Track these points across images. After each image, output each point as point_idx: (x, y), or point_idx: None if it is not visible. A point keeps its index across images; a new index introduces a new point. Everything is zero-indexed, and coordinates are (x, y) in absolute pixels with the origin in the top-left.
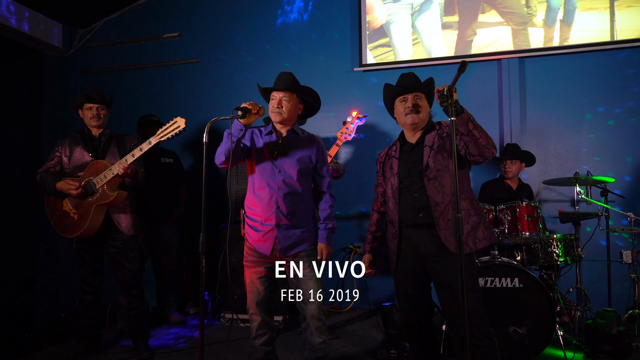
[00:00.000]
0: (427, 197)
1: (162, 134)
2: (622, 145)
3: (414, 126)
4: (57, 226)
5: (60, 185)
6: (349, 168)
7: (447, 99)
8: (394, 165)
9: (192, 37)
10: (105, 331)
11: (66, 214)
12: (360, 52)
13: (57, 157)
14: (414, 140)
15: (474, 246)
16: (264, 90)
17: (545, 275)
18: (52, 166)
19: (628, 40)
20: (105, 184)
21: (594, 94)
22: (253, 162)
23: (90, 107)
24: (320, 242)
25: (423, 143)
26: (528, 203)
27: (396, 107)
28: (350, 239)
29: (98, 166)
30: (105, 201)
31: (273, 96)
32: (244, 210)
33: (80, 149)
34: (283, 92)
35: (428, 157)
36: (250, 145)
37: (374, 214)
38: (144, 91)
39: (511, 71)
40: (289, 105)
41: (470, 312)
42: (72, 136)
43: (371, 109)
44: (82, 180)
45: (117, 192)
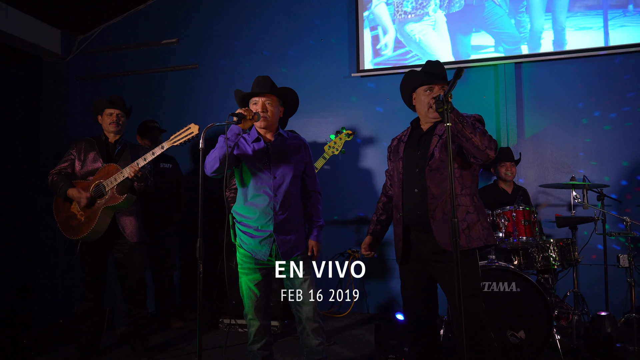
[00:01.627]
0: (425, 191)
1: (176, 139)
2: (618, 149)
3: (435, 119)
4: (63, 227)
5: (71, 192)
6: (346, 174)
7: (442, 105)
8: (400, 149)
9: (190, 42)
10: (104, 337)
11: (73, 215)
12: (358, 58)
13: (71, 160)
14: (426, 128)
15: (467, 245)
16: (242, 97)
17: (542, 280)
18: (64, 168)
19: (623, 46)
20: (115, 186)
21: (590, 98)
22: (244, 169)
23: (111, 112)
24: (311, 239)
25: (433, 132)
26: (525, 207)
27: (418, 95)
28: (348, 244)
29: (109, 169)
30: (114, 203)
31: (254, 101)
32: (234, 217)
33: (94, 154)
34: (265, 95)
35: (434, 147)
36: (238, 153)
37: (382, 197)
38: (143, 97)
39: (507, 76)
40: (272, 108)
41: (469, 318)
42: (88, 141)
43: (369, 114)
44: (92, 185)
45: (125, 195)
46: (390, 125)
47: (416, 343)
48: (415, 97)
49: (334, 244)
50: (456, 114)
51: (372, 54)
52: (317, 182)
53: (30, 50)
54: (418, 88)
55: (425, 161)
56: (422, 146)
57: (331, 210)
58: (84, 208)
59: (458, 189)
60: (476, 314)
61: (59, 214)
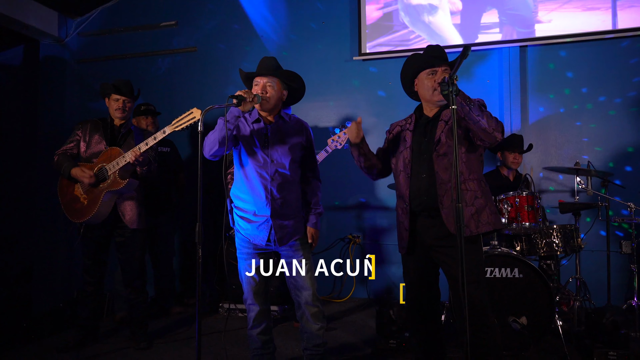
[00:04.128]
0: (433, 176)
1: (178, 124)
2: (623, 135)
3: (440, 103)
4: (67, 210)
5: (75, 171)
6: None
7: (448, 87)
8: (408, 137)
9: (189, 25)
10: (104, 322)
11: (76, 198)
12: (360, 41)
13: (76, 141)
14: (431, 114)
15: (476, 230)
16: (246, 76)
17: (544, 266)
18: (69, 149)
19: (631, 29)
20: (117, 170)
21: (595, 83)
22: (242, 151)
23: (118, 98)
24: (309, 226)
25: (439, 117)
26: (528, 193)
27: (420, 80)
28: (349, 229)
29: (112, 153)
30: (116, 188)
31: (256, 82)
32: (231, 201)
33: (99, 136)
34: (267, 77)
35: (441, 132)
36: (237, 133)
37: None
38: (141, 80)
39: (512, 60)
40: (272, 90)
41: (472, 303)
42: (94, 122)
43: (370, 98)
44: (95, 167)
45: (128, 180)
46: (392, 109)
47: (418, 329)
48: (418, 82)
49: (334, 229)
50: (462, 96)
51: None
52: (317, 169)
53: (28, 33)
54: (420, 72)
55: (432, 147)
56: (429, 132)
57: (332, 196)
58: (87, 192)
59: (466, 173)
60: (479, 300)
61: (63, 197)
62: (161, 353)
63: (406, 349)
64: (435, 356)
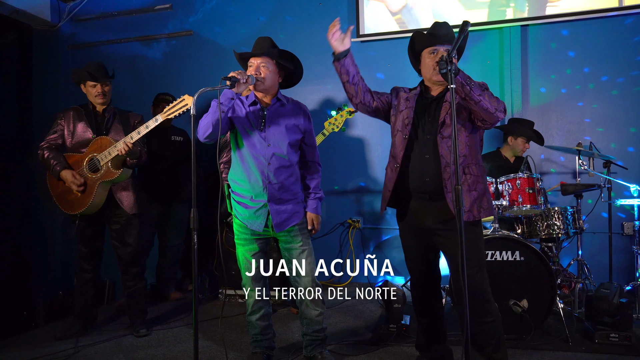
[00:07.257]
0: (438, 159)
1: (169, 111)
2: (625, 115)
3: (441, 83)
4: (60, 202)
5: (64, 175)
6: (347, 143)
7: (446, 65)
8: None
9: (184, 8)
10: (103, 309)
11: (69, 190)
12: (358, 23)
13: (60, 131)
14: (436, 94)
15: (478, 215)
16: (241, 56)
17: (545, 248)
18: (54, 140)
19: (636, 6)
20: (110, 161)
21: (597, 62)
22: (238, 134)
23: (94, 84)
24: (310, 212)
25: (444, 98)
26: (529, 175)
27: (423, 59)
28: (349, 214)
29: (102, 142)
30: (110, 178)
31: (251, 63)
32: (229, 185)
33: (83, 124)
34: (261, 57)
35: (446, 114)
36: (232, 115)
37: None
38: (137, 65)
39: (513, 40)
40: (267, 71)
41: (473, 287)
42: (76, 110)
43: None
44: (86, 157)
45: (121, 169)
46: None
47: (420, 313)
48: (421, 61)
49: (334, 213)
50: (462, 75)
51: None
52: (316, 152)
53: (20, 18)
54: (423, 51)
55: (437, 128)
56: (432, 114)
57: (331, 180)
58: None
59: (469, 157)
60: (480, 283)
61: (55, 189)
62: (160, 339)
63: (406, 334)
64: (436, 339)
